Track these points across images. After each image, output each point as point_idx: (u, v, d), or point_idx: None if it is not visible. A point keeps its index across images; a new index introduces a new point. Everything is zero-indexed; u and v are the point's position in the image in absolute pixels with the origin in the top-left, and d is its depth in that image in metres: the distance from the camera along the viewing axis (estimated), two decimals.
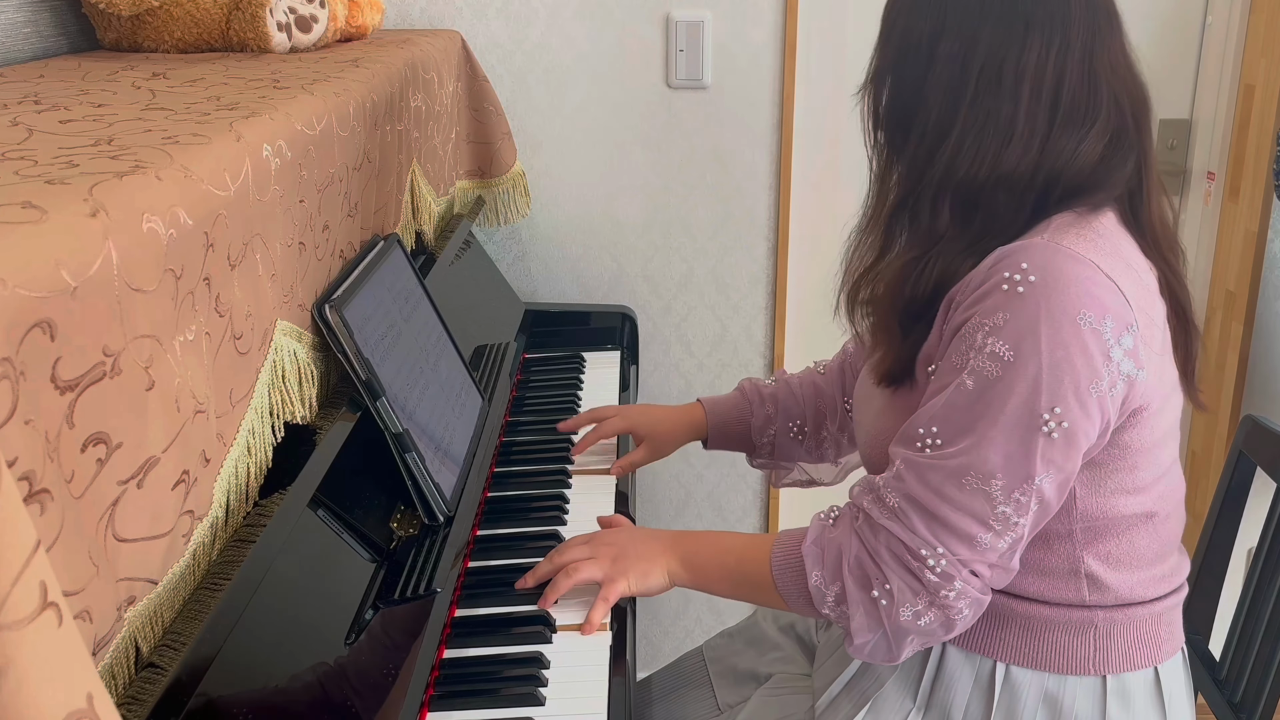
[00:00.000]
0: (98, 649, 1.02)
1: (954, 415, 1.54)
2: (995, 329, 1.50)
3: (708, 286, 3.28)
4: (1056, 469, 1.52)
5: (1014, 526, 1.53)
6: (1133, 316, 1.51)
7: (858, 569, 1.61)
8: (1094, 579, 1.64)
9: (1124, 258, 1.56)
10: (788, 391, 2.23)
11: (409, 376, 1.88)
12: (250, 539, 1.35)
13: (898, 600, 1.57)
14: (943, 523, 1.54)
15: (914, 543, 1.56)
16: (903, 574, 1.57)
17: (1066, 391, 1.49)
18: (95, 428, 0.99)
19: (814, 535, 1.67)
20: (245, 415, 1.38)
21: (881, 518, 1.59)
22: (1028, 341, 1.48)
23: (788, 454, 2.25)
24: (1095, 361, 1.49)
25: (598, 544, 1.83)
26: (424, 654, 1.57)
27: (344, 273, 1.82)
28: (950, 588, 1.55)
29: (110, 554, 1.03)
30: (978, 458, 1.52)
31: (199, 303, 1.22)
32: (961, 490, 1.53)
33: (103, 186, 1.05)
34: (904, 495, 1.57)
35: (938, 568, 1.55)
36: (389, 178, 2.12)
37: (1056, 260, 1.50)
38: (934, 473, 1.55)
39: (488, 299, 2.85)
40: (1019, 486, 1.52)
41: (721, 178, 3.18)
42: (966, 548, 1.54)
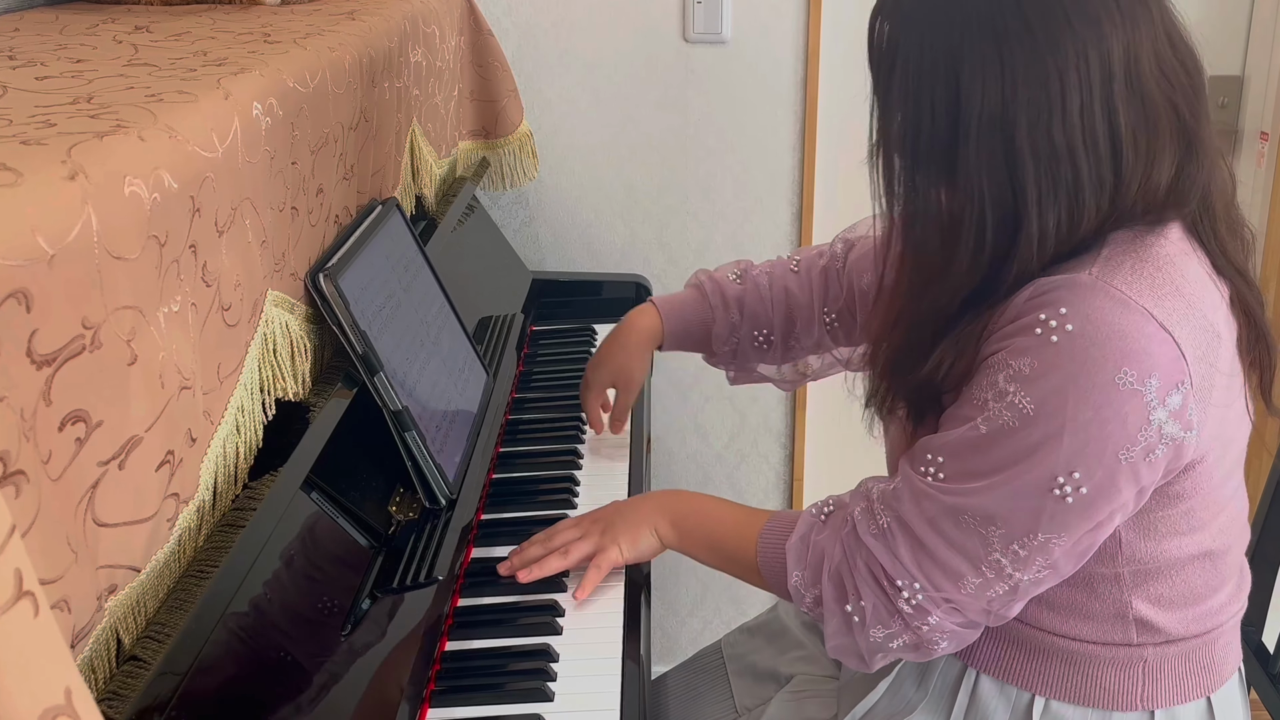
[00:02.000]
0: (76, 641, 1.02)
1: (963, 454, 1.49)
2: (1019, 377, 1.43)
3: (727, 254, 3.27)
4: (1069, 532, 1.46)
5: (1009, 578, 1.49)
6: (1186, 372, 1.41)
7: (836, 579, 1.60)
8: (1144, 622, 1.60)
9: (1187, 294, 1.44)
10: (756, 295, 2.16)
11: (409, 350, 1.88)
12: (239, 524, 1.35)
13: (870, 620, 1.56)
14: (930, 555, 1.52)
15: (893, 569, 1.53)
16: (878, 595, 1.55)
17: (1090, 457, 1.41)
18: (74, 405, 0.99)
19: (801, 531, 1.66)
20: (234, 392, 1.38)
21: (866, 534, 1.57)
22: (1054, 400, 1.40)
23: (747, 359, 2.23)
24: (1130, 427, 1.40)
25: (586, 522, 1.87)
26: (425, 646, 1.57)
27: (339, 239, 1.82)
28: (924, 621, 1.53)
29: (90, 540, 1.03)
30: (978, 503, 1.47)
31: (184, 272, 1.21)
32: (957, 527, 1.50)
33: (82, 147, 1.05)
34: (896, 517, 1.55)
35: (913, 600, 1.53)
36: (387, 138, 2.12)
37: (1101, 306, 1.40)
38: (931, 503, 1.51)
39: (492, 268, 2.85)
40: (1020, 539, 1.47)
41: (742, 138, 3.17)
42: (951, 585, 1.52)
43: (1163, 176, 1.46)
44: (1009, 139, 1.42)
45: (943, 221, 1.50)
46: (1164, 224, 1.49)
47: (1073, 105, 1.41)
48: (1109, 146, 1.43)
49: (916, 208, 1.53)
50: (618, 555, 1.81)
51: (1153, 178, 1.45)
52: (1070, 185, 1.43)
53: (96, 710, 0.68)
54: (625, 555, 1.82)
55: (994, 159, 1.43)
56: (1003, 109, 1.42)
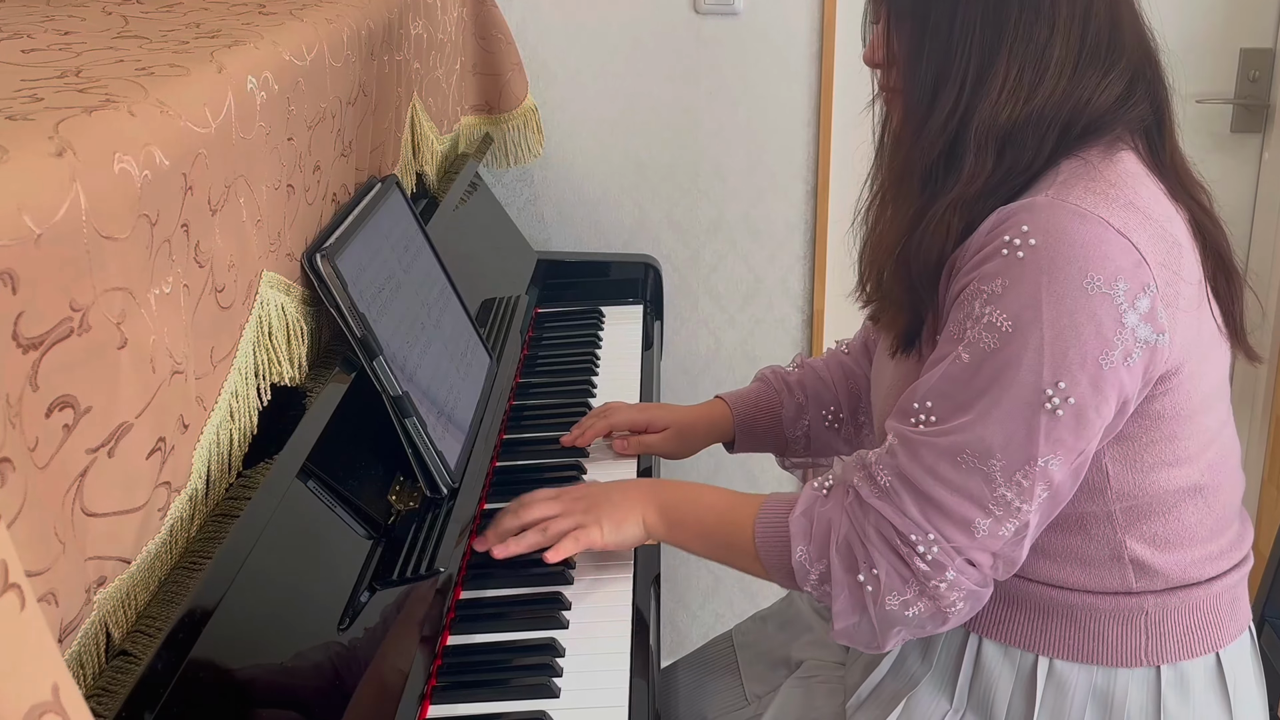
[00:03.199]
0: (64, 635, 1.02)
1: (949, 390, 1.53)
2: (993, 297, 1.48)
3: (740, 233, 3.27)
4: (1065, 450, 1.50)
5: (1017, 512, 1.52)
6: (1150, 275, 1.48)
7: (845, 549, 1.60)
8: (1140, 564, 1.63)
9: (1141, 208, 1.52)
10: (814, 376, 2.18)
11: (409, 333, 1.88)
12: (233, 513, 1.35)
13: (884, 587, 1.56)
14: (936, 505, 1.53)
15: (904, 526, 1.55)
16: (891, 559, 1.56)
17: (1073, 364, 1.47)
18: (61, 390, 0.99)
19: (804, 506, 1.67)
20: (228, 376, 1.38)
21: (871, 496, 1.58)
22: (1028, 311, 1.46)
23: (825, 446, 2.20)
24: (1105, 330, 1.46)
25: (567, 498, 1.84)
26: (426, 641, 1.57)
27: (337, 218, 1.82)
28: (941, 577, 1.54)
29: (78, 530, 1.03)
30: (974, 436, 1.51)
31: (176, 252, 1.21)
32: (957, 469, 1.52)
33: (70, 123, 1.05)
34: (896, 473, 1.56)
35: (928, 554, 1.54)
36: (387, 113, 2.12)
37: (1060, 219, 1.48)
38: (927, 450, 1.54)
39: (496, 248, 2.85)
40: (1020, 468, 1.50)
41: (755, 113, 3.17)
42: (962, 534, 1.53)
43: (1114, 91, 1.57)
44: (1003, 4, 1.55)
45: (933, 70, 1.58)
46: (1113, 153, 1.57)
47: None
48: (1080, 29, 1.55)
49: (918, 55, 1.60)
50: (598, 536, 1.79)
51: (1104, 84, 1.57)
52: (1041, 47, 1.54)
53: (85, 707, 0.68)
54: (606, 539, 1.80)
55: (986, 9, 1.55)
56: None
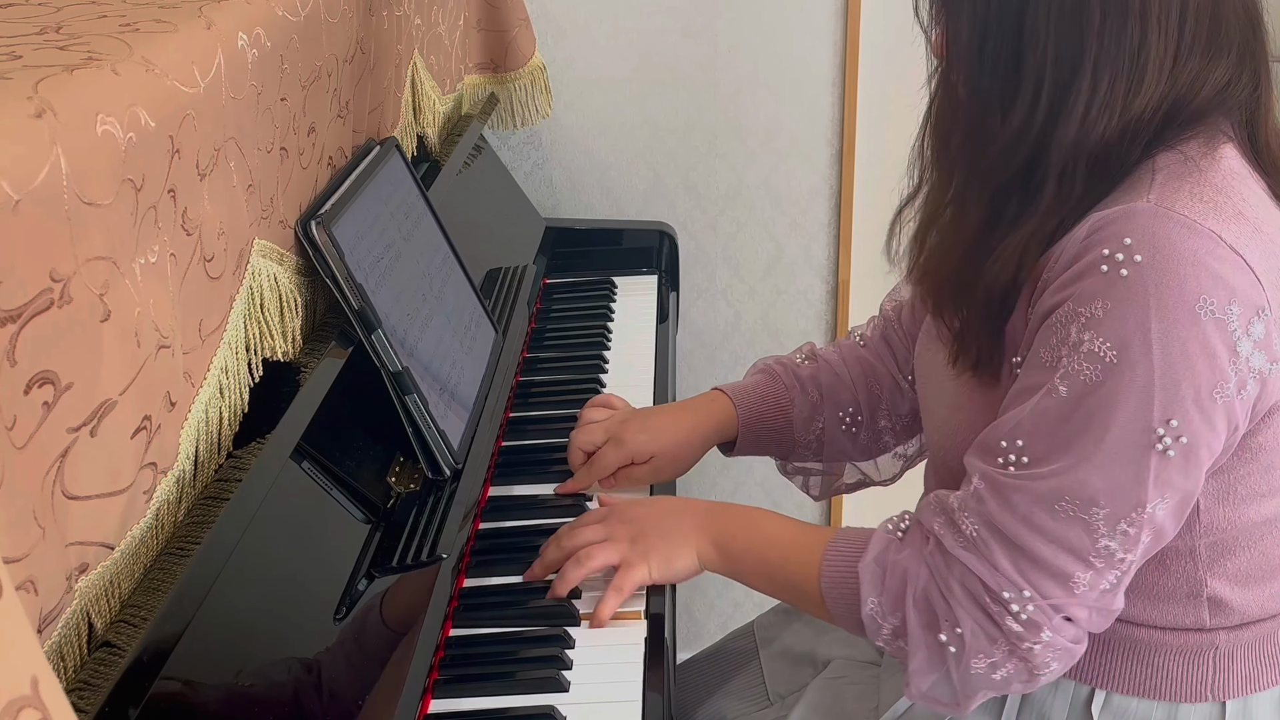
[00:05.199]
0: (44, 625, 1.02)
1: (1045, 427, 1.45)
2: (1094, 322, 1.40)
3: (760, 199, 3.27)
4: (1174, 491, 1.43)
5: (1119, 563, 1.46)
6: (1264, 297, 1.40)
7: (924, 604, 1.54)
8: (1217, 601, 1.58)
9: (1250, 218, 1.44)
10: (830, 372, 2.06)
11: (410, 305, 1.88)
12: (223, 496, 1.35)
13: (970, 649, 1.51)
14: (1031, 558, 1.47)
15: (995, 582, 1.49)
16: (979, 617, 1.50)
17: (1185, 399, 1.39)
18: (41, 366, 0.99)
19: (876, 551, 1.61)
20: (217, 351, 1.38)
21: (956, 547, 1.52)
22: (1136, 339, 1.38)
23: (838, 452, 2.09)
24: (1220, 360, 1.39)
25: (614, 522, 1.79)
26: (427, 631, 1.57)
27: (333, 183, 1.82)
28: (1036, 639, 1.49)
29: (59, 514, 1.03)
30: (1075, 480, 1.43)
31: (163, 219, 1.21)
32: (1055, 518, 1.45)
33: (50, 82, 1.05)
34: (984, 521, 1.49)
35: (1022, 614, 1.48)
36: (386, 72, 2.11)
37: (1168, 232, 1.39)
38: (1021, 496, 1.46)
39: (502, 214, 2.85)
40: (1127, 516, 1.43)
41: (776, 71, 3.16)
42: (1060, 589, 1.47)
43: (1220, 77, 1.47)
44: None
45: (1006, 72, 1.50)
46: (1215, 145, 1.49)
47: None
48: (1178, 23, 1.44)
49: (980, 60, 1.53)
50: (645, 575, 1.74)
51: (1209, 73, 1.46)
52: (1134, 51, 1.44)
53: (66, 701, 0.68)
54: (654, 575, 1.75)
55: (1062, 6, 1.45)
56: None
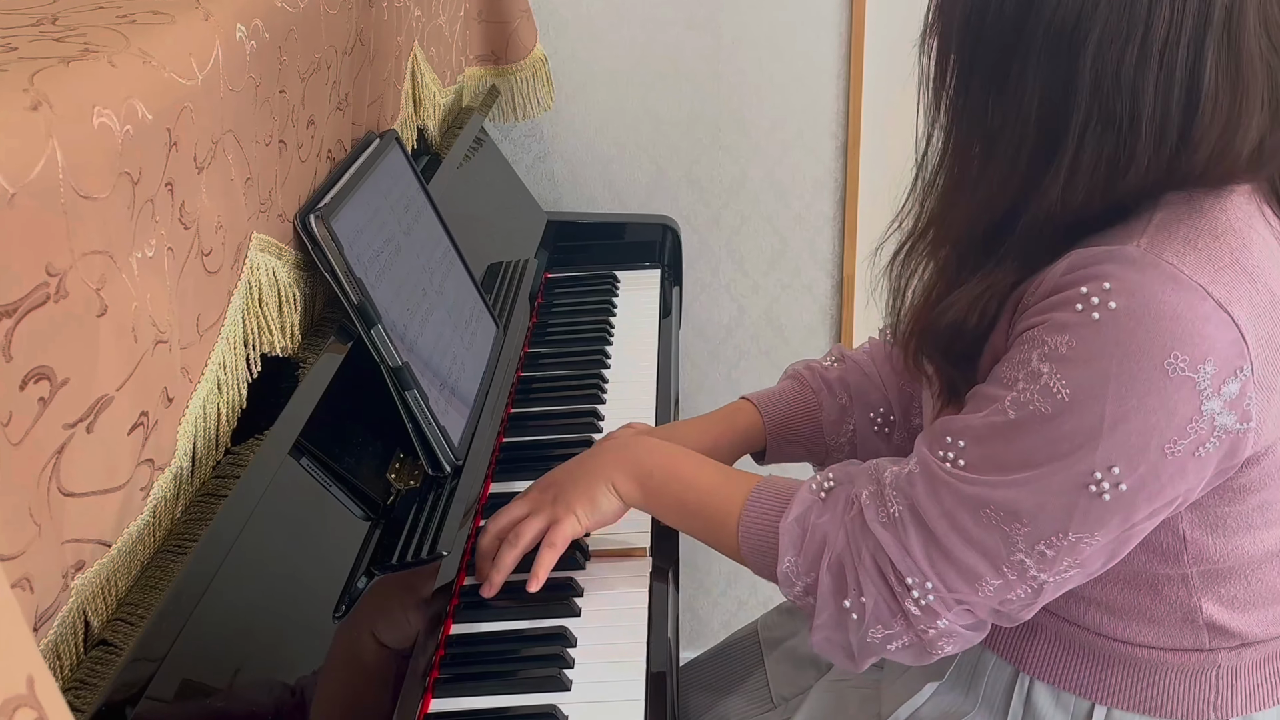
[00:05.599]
0: (40, 623, 1.02)
1: (987, 440, 1.45)
2: (1054, 355, 1.39)
3: (764, 193, 3.27)
4: (1104, 530, 1.42)
5: (1031, 580, 1.46)
6: (1246, 357, 1.36)
7: (836, 569, 1.55)
8: (1215, 626, 1.57)
9: (1249, 267, 1.40)
10: (859, 373, 2.02)
11: (410, 300, 1.88)
12: (221, 493, 1.35)
13: (870, 618, 1.53)
14: (944, 552, 1.48)
15: (903, 565, 1.50)
16: (883, 591, 1.52)
17: (1132, 450, 1.38)
18: (37, 361, 0.99)
19: (798, 510, 1.61)
20: (215, 346, 1.38)
21: (875, 522, 1.52)
22: (1093, 385, 1.37)
23: (873, 454, 2.00)
24: (1178, 418, 1.36)
25: (534, 493, 1.81)
26: (427, 629, 1.58)
27: (332, 177, 1.82)
28: (933, 625, 1.50)
29: (55, 511, 1.03)
30: (1002, 496, 1.43)
31: (160, 213, 1.21)
32: (976, 522, 1.46)
33: (46, 74, 1.05)
34: (909, 505, 1.50)
35: (922, 600, 1.49)
36: (386, 64, 2.11)
37: (1149, 282, 1.35)
38: (949, 492, 1.47)
39: (503, 208, 2.85)
40: (1047, 539, 1.43)
41: (780, 63, 3.16)
42: (966, 586, 1.48)
43: (1245, 145, 1.40)
44: (1073, 55, 1.37)
45: (986, 127, 1.45)
46: (1225, 186, 1.44)
47: (1155, 38, 1.35)
48: (1183, 99, 1.37)
49: (962, 108, 1.49)
50: (575, 525, 1.75)
51: (1233, 145, 1.39)
52: (1124, 128, 1.38)
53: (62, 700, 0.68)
54: (584, 522, 1.75)
55: (1052, 74, 1.39)
56: (1077, 20, 1.37)
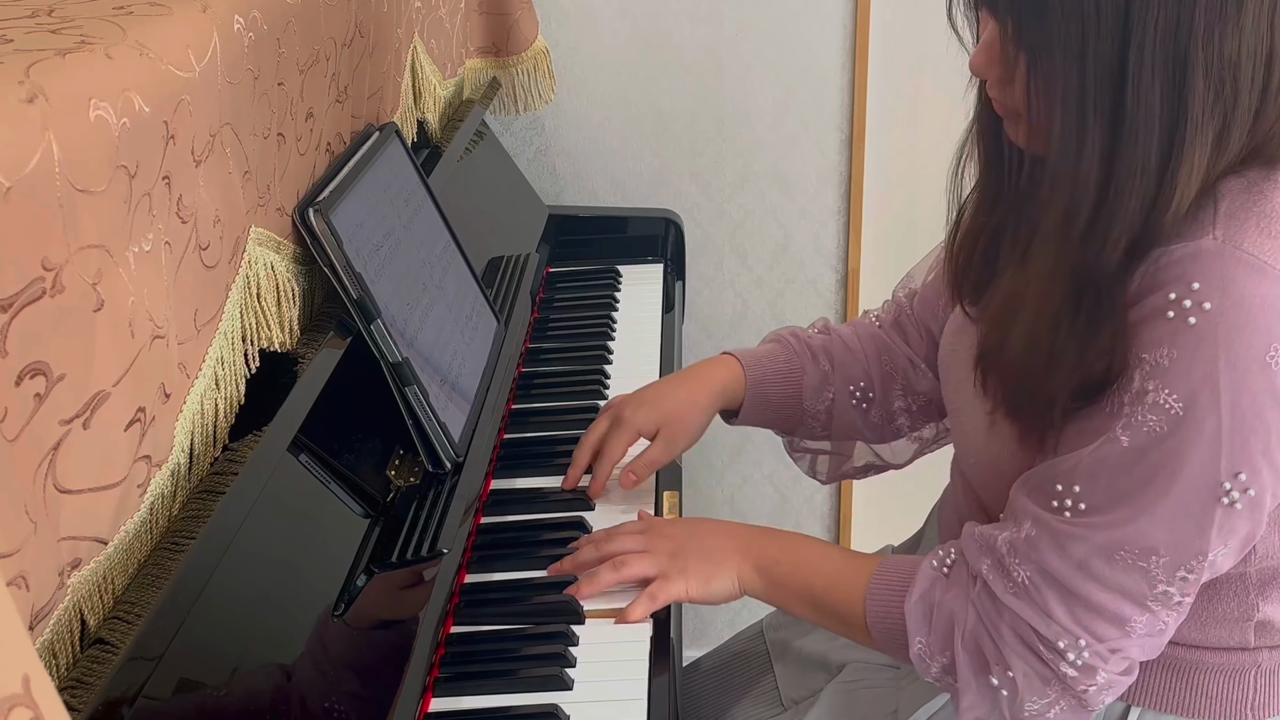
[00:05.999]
0: (36, 622, 1.02)
1: (1106, 476, 1.42)
2: (1159, 370, 1.36)
3: (768, 186, 3.27)
4: (1236, 538, 1.41)
5: (1176, 606, 1.45)
6: None
7: (973, 647, 1.53)
8: (1266, 624, 1.57)
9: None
10: (842, 345, 2.02)
11: (409, 295, 1.88)
12: (219, 490, 1.35)
13: (1023, 692, 1.50)
14: (1086, 604, 1.45)
15: (1049, 630, 1.47)
16: (1032, 662, 1.49)
17: (1254, 453, 1.35)
18: (33, 357, 0.98)
19: (922, 588, 1.59)
20: (213, 341, 1.38)
21: (1006, 594, 1.50)
22: (1204, 392, 1.34)
23: (846, 428, 2.04)
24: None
25: (654, 535, 1.78)
26: (427, 628, 1.57)
27: (331, 170, 1.82)
28: (1092, 681, 1.48)
29: (51, 508, 1.03)
30: (1135, 532, 1.41)
31: (157, 207, 1.21)
32: (1113, 567, 1.43)
33: (41, 66, 1.05)
34: (1037, 568, 1.47)
35: (1078, 661, 1.46)
36: (385, 56, 2.11)
37: (1236, 276, 1.33)
38: (1078, 545, 1.44)
39: (504, 201, 2.85)
40: (1187, 564, 1.41)
41: (784, 55, 3.16)
42: (1116, 632, 1.46)
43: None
44: (1182, 49, 1.34)
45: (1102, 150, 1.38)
46: (1274, 165, 1.43)
47: (1248, 11, 1.34)
48: (1264, 68, 1.37)
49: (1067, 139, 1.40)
50: (683, 590, 1.73)
51: None
52: (1229, 105, 1.36)
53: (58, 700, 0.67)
54: (691, 593, 1.73)
55: (1165, 71, 1.35)
56: (1179, 13, 1.33)
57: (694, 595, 1.73)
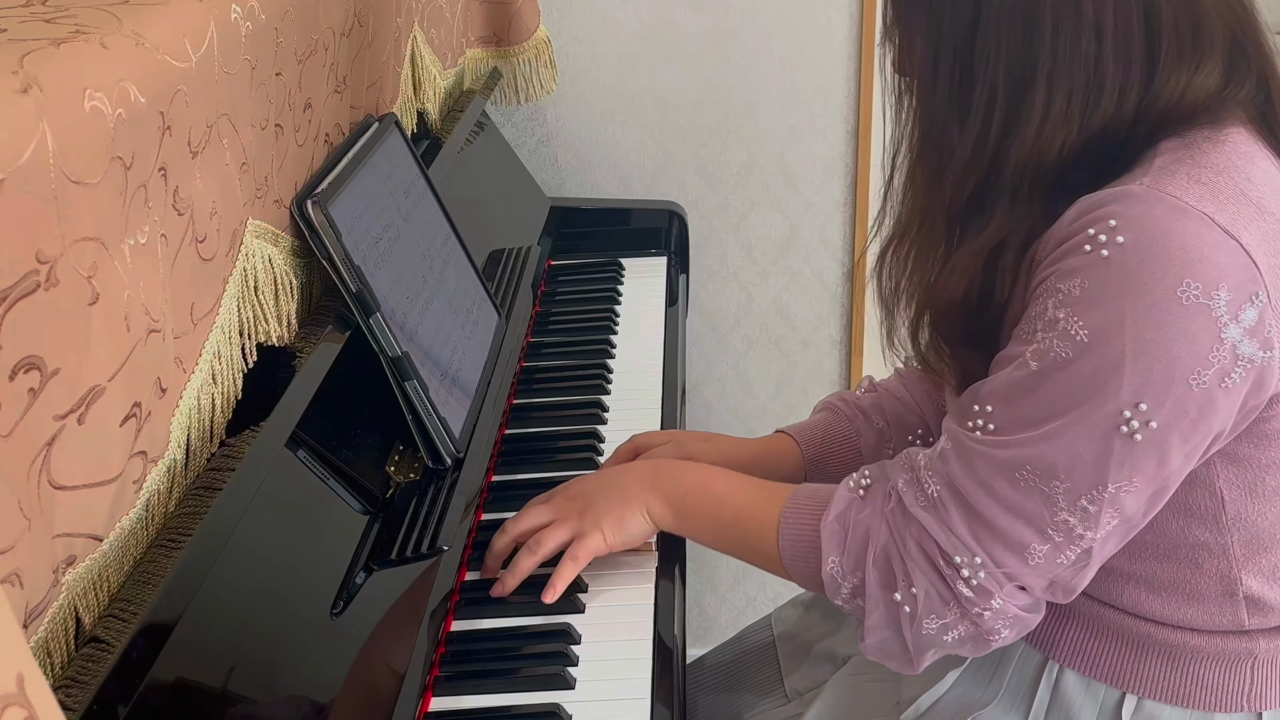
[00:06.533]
0: (30, 620, 1.02)
1: (1014, 398, 1.46)
2: (1069, 299, 1.41)
3: (773, 177, 3.26)
4: (1142, 477, 1.43)
5: (1079, 539, 1.46)
6: (1260, 282, 1.38)
7: (884, 562, 1.55)
8: (1255, 600, 1.57)
9: (1254, 199, 1.43)
10: (891, 398, 2.04)
11: (409, 288, 1.88)
12: (215, 486, 1.35)
13: (922, 609, 1.52)
14: (988, 524, 1.48)
15: (949, 544, 1.50)
16: (932, 578, 1.52)
17: (1157, 384, 1.38)
18: (27, 351, 0.98)
19: (839, 509, 1.61)
20: (209, 335, 1.38)
21: (915, 506, 1.53)
22: (1110, 321, 1.38)
23: None
24: (1199, 347, 1.37)
25: (559, 500, 1.79)
26: (427, 626, 1.57)
27: (330, 161, 1.82)
28: (986, 605, 1.50)
29: (45, 504, 1.03)
30: (1036, 453, 1.44)
31: (153, 198, 1.21)
32: (1014, 487, 1.46)
33: (36, 56, 1.05)
34: (946, 482, 1.51)
35: (973, 579, 1.49)
36: (384, 45, 2.11)
37: (1156, 214, 1.38)
38: (983, 461, 1.48)
39: (505, 193, 2.84)
40: (1087, 493, 1.43)
41: (789, 44, 3.15)
42: (1015, 558, 1.48)
43: (1209, 82, 1.47)
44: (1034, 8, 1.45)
45: (958, 98, 1.51)
46: (1219, 129, 1.48)
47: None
48: (1143, 33, 1.44)
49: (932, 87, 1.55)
50: (600, 543, 1.74)
51: (1195, 81, 1.46)
52: (1090, 65, 1.45)
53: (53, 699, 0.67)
54: (610, 541, 1.75)
55: (1013, 20, 1.45)
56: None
57: (613, 543, 1.75)
